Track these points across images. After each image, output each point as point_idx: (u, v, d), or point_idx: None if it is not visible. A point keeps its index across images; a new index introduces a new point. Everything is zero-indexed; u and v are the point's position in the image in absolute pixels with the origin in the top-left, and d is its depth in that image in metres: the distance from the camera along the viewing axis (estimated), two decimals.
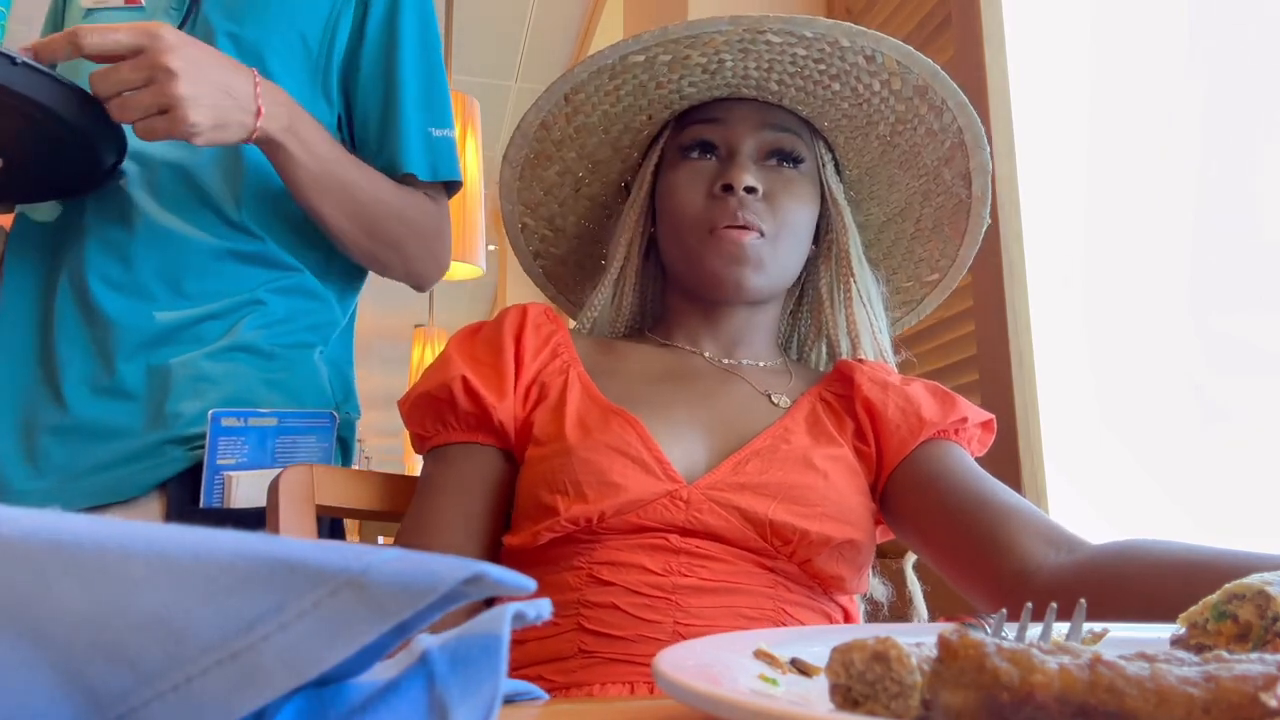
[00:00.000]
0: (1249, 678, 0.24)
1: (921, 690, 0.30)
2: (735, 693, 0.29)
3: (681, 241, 0.86)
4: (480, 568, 0.25)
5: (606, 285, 0.91)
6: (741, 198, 0.82)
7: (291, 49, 1.09)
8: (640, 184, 0.91)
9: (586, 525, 0.74)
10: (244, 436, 0.99)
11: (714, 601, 0.73)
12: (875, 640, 0.31)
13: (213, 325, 1.04)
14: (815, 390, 0.88)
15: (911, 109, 0.87)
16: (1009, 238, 1.45)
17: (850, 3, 2.03)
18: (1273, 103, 1.12)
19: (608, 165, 0.94)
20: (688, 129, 0.88)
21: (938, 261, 0.98)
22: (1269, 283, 1.10)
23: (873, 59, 0.84)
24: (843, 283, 0.91)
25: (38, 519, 0.25)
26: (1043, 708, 0.26)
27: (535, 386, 0.84)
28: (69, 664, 0.24)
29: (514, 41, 3.43)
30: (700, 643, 0.40)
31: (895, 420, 0.82)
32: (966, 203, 0.93)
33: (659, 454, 0.76)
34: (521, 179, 0.93)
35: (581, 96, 0.87)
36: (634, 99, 0.87)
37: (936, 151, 0.90)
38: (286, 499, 0.87)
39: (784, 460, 0.78)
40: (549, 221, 0.97)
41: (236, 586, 0.24)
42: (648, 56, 0.82)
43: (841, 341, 0.92)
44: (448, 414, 0.83)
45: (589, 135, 0.90)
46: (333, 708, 0.27)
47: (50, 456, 1.00)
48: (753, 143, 0.86)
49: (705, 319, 0.89)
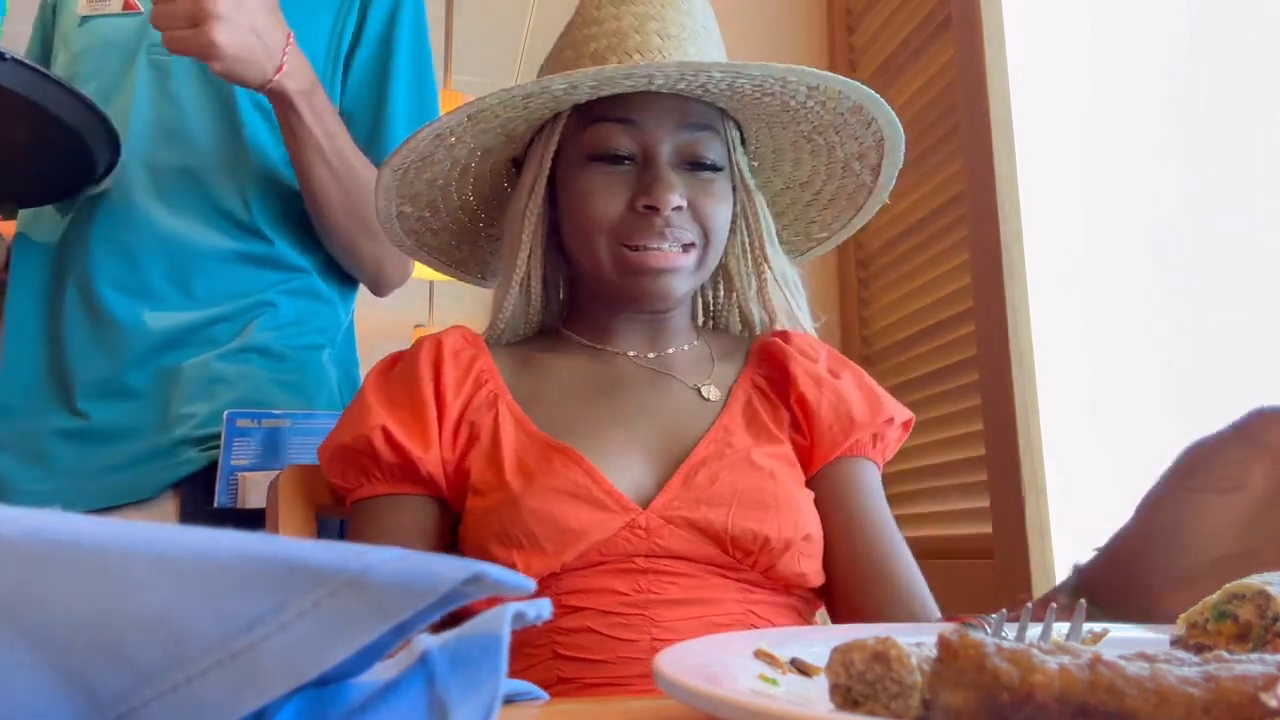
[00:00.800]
0: (1249, 678, 0.24)
1: (921, 690, 0.30)
2: (735, 693, 0.29)
3: (593, 252, 0.81)
4: (480, 568, 0.25)
5: (513, 288, 0.85)
6: (667, 216, 0.78)
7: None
8: (537, 172, 0.84)
9: (551, 576, 0.73)
10: (257, 437, 1.00)
11: (687, 614, 0.73)
12: (875, 640, 0.31)
13: (224, 327, 1.05)
14: (747, 376, 0.87)
15: (839, 119, 0.86)
16: (1009, 238, 1.45)
17: (850, 3, 2.03)
18: (1272, 102, 1.12)
19: (498, 150, 0.87)
20: (596, 126, 0.80)
21: (830, 224, 0.97)
22: (1269, 283, 1.10)
23: (816, 89, 0.82)
24: (757, 268, 0.90)
25: (38, 519, 0.25)
26: (1043, 708, 0.26)
27: (464, 426, 0.79)
28: (69, 664, 0.24)
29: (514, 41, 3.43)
30: (700, 642, 0.40)
31: (828, 419, 0.83)
32: (870, 186, 0.92)
33: (608, 486, 0.74)
34: (403, 179, 0.85)
35: (488, 112, 0.80)
36: (544, 107, 0.82)
37: (853, 149, 0.89)
38: (286, 499, 0.87)
39: (730, 464, 0.77)
40: (429, 204, 0.90)
41: (236, 586, 0.24)
42: (573, 84, 0.76)
43: (759, 316, 0.92)
44: (370, 466, 0.78)
45: (485, 134, 0.83)
46: (333, 708, 0.27)
47: (60, 458, 1.01)
48: (670, 147, 0.80)
49: (625, 318, 0.87)
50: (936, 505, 1.63)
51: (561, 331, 0.90)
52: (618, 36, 0.82)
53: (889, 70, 1.83)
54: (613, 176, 0.80)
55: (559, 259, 0.90)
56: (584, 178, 0.81)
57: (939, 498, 1.63)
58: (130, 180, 1.05)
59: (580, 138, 0.82)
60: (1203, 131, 1.23)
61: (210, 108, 1.07)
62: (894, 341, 1.80)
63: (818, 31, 2.10)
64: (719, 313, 0.97)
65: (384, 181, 0.84)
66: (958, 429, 1.56)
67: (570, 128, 0.83)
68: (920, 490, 1.67)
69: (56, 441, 1.01)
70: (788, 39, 2.09)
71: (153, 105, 1.07)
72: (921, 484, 1.67)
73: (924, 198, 1.70)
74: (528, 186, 0.85)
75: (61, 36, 1.14)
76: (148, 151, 1.05)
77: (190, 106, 1.07)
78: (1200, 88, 1.24)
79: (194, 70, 1.08)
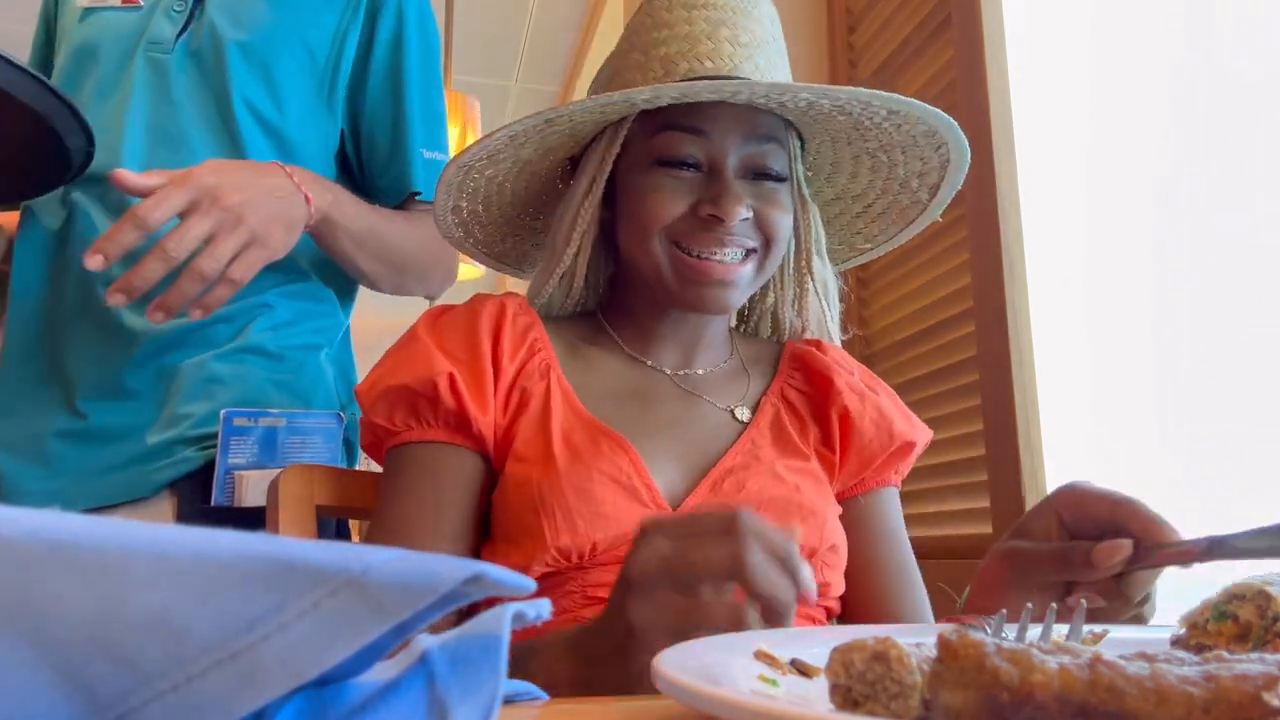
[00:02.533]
0: (1249, 677, 0.24)
1: (921, 690, 0.30)
2: (736, 693, 0.29)
3: (650, 252, 0.81)
4: (480, 568, 0.25)
5: (554, 279, 0.85)
6: (730, 226, 0.78)
7: (297, 59, 1.10)
8: (597, 173, 0.84)
9: (578, 560, 0.73)
10: (254, 436, 1.00)
11: None
12: (875, 640, 0.31)
13: (222, 328, 1.05)
14: (776, 388, 0.88)
15: (908, 138, 0.85)
16: (1009, 238, 1.45)
17: (851, 3, 2.03)
18: (1272, 102, 1.12)
19: (558, 149, 0.87)
20: (664, 134, 0.80)
21: (875, 237, 0.97)
22: (1269, 283, 1.10)
23: (896, 112, 0.81)
24: (799, 278, 0.90)
25: (38, 519, 0.25)
26: (1043, 707, 0.26)
27: (515, 391, 0.80)
28: (69, 664, 0.24)
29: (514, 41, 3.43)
30: (700, 643, 0.40)
31: (870, 433, 0.85)
32: (924, 204, 0.92)
33: (648, 480, 0.76)
34: (465, 175, 0.85)
35: (563, 116, 0.80)
36: (617, 112, 0.82)
37: (915, 168, 0.89)
38: (286, 499, 0.87)
39: (757, 474, 0.79)
40: (484, 199, 0.90)
41: (236, 586, 0.24)
42: (657, 96, 0.76)
43: (791, 322, 0.93)
44: (427, 411, 0.77)
45: (554, 135, 0.83)
46: (333, 708, 0.27)
47: (62, 459, 1.01)
48: (736, 158, 0.80)
49: (669, 323, 0.87)
50: (936, 505, 1.63)
51: (602, 325, 0.90)
52: (689, 42, 0.81)
53: (889, 70, 1.83)
54: (678, 180, 0.80)
55: (603, 258, 0.90)
56: (648, 180, 0.81)
57: (939, 498, 1.63)
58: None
59: (647, 142, 0.81)
60: (1203, 131, 1.23)
61: (206, 109, 1.07)
62: (894, 341, 1.80)
63: (818, 31, 2.10)
64: (750, 317, 0.97)
65: (448, 177, 0.84)
66: (958, 429, 1.56)
67: (635, 131, 0.82)
68: (920, 490, 1.67)
69: (57, 441, 1.02)
70: (788, 39, 2.08)
71: (150, 105, 1.06)
72: (921, 484, 1.67)
73: None
74: (585, 185, 0.84)
75: (63, 30, 1.14)
76: (145, 152, 1.05)
77: (187, 107, 1.07)
78: (1200, 87, 1.24)
79: (191, 70, 1.08)
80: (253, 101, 1.07)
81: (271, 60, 1.08)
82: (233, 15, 1.08)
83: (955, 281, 1.60)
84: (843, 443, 0.85)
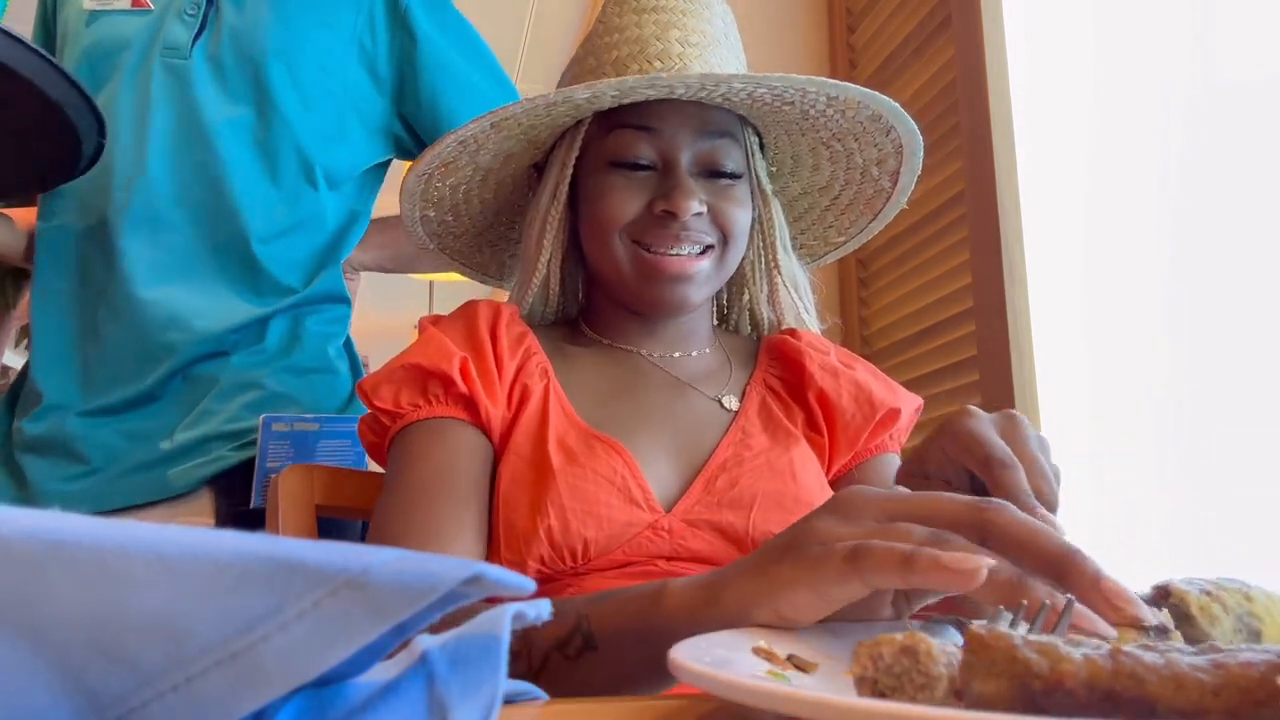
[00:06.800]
0: (1254, 664, 0.26)
1: (949, 681, 0.31)
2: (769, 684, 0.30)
3: (610, 252, 0.82)
4: (479, 568, 0.25)
5: (532, 289, 0.87)
6: (684, 221, 0.79)
7: (319, 60, 1.12)
8: (559, 178, 0.85)
9: (570, 560, 0.73)
10: (289, 440, 1.02)
11: None
12: (904, 635, 0.32)
13: (253, 329, 1.08)
14: (759, 377, 0.88)
15: (858, 126, 0.86)
16: (1009, 238, 1.45)
17: (851, 3, 2.03)
18: (1273, 102, 1.12)
19: (520, 156, 0.88)
20: (617, 132, 0.81)
21: (847, 229, 0.98)
22: (1269, 283, 1.10)
23: (835, 99, 0.82)
24: (768, 272, 0.91)
25: (37, 519, 0.25)
26: (1072, 694, 0.27)
27: (517, 388, 0.80)
28: (69, 664, 0.24)
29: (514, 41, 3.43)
30: (702, 641, 0.40)
31: (850, 409, 0.84)
32: (887, 192, 0.93)
33: (643, 483, 0.76)
34: (427, 184, 0.86)
35: (511, 120, 0.81)
36: (567, 114, 0.83)
37: (872, 155, 0.90)
38: (286, 499, 0.87)
39: (750, 469, 0.79)
40: (451, 209, 0.91)
41: (236, 586, 0.24)
42: (595, 94, 0.77)
43: (768, 317, 0.94)
44: (438, 391, 0.77)
45: (508, 140, 0.84)
46: (333, 708, 0.27)
47: (93, 457, 1.03)
48: (690, 154, 0.81)
49: (642, 322, 0.88)
50: None
51: (581, 328, 0.91)
52: (639, 44, 0.82)
53: (889, 70, 1.83)
54: (633, 180, 0.81)
55: (578, 264, 0.91)
56: (605, 181, 0.82)
57: None
58: (154, 186, 1.05)
59: (602, 144, 0.83)
60: (1203, 131, 1.22)
61: (229, 113, 1.07)
62: (894, 341, 1.80)
63: (818, 31, 2.10)
64: (730, 315, 0.98)
65: (408, 186, 0.85)
66: None
67: (592, 134, 0.84)
68: None
69: (89, 440, 1.03)
70: (788, 39, 2.09)
71: (172, 110, 1.06)
72: None
73: (924, 197, 1.70)
74: (549, 191, 0.86)
75: (66, 32, 1.13)
76: (171, 159, 1.05)
77: (210, 112, 1.07)
78: (1201, 87, 1.24)
79: (213, 76, 1.07)
80: (281, 105, 1.07)
81: (294, 63, 1.08)
82: (250, 19, 1.08)
83: (955, 281, 1.59)
84: (828, 424, 0.85)
